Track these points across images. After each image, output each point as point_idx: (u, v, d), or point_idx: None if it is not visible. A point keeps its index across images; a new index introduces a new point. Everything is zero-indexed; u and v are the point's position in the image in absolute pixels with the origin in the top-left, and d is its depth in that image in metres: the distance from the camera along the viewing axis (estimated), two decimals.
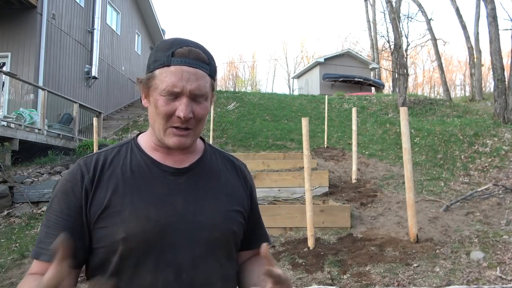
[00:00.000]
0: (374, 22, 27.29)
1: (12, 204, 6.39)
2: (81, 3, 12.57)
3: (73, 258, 0.85)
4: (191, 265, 0.89)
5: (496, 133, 9.02)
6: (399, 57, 14.14)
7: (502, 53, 11.04)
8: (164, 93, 0.89)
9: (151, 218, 0.87)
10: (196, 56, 0.91)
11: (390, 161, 8.35)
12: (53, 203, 0.91)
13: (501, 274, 3.47)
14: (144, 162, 0.95)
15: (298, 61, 49.45)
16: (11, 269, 4.36)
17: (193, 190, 0.95)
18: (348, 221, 5.00)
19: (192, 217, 0.91)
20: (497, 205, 5.60)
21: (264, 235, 1.12)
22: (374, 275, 3.60)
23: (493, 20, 10.86)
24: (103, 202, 0.88)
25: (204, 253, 0.91)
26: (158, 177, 0.93)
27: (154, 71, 0.91)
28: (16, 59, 9.86)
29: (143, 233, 0.86)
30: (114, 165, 0.94)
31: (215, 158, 1.05)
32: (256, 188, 1.15)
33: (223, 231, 0.94)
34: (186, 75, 0.88)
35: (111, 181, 0.91)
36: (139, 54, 18.61)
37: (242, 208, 1.01)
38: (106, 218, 0.87)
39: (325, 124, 10.48)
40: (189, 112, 0.89)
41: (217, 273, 0.93)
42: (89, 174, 0.91)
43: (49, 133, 8.78)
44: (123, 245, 0.85)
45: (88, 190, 0.89)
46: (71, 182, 0.91)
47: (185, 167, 0.97)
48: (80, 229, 0.88)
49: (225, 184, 1.01)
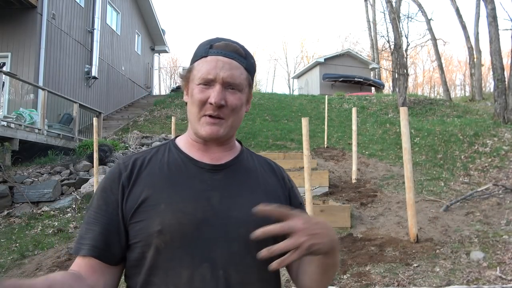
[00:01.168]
0: (374, 22, 27.28)
1: (12, 204, 6.39)
2: (81, 3, 12.57)
3: (110, 253, 0.88)
4: (228, 261, 0.87)
5: (496, 133, 9.02)
6: (399, 57, 14.14)
7: (502, 53, 11.05)
8: (199, 81, 0.91)
9: (187, 212, 0.87)
10: (233, 49, 0.94)
11: (390, 161, 8.35)
12: (93, 201, 0.93)
13: (501, 274, 3.47)
14: (181, 160, 0.96)
15: (298, 61, 49.47)
16: (11, 269, 4.36)
17: (230, 187, 0.94)
18: (348, 221, 5.01)
19: (228, 213, 0.90)
20: (497, 205, 5.60)
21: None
22: (374, 275, 3.60)
23: (493, 20, 10.86)
24: (140, 197, 0.89)
25: (241, 250, 0.89)
26: (195, 174, 0.94)
27: (193, 64, 0.95)
28: (16, 59, 9.86)
29: (179, 225, 0.86)
30: (152, 163, 0.96)
31: (251, 159, 1.05)
32: None
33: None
34: (221, 64, 0.91)
35: (148, 178, 0.92)
36: (139, 54, 18.61)
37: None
38: (142, 212, 0.88)
39: (325, 124, 10.49)
40: (221, 98, 0.90)
41: (256, 273, 0.90)
42: (127, 171, 0.93)
43: (49, 133, 8.78)
44: (158, 238, 0.85)
45: (125, 186, 0.91)
46: (110, 179, 0.93)
47: (222, 163, 0.97)
48: (117, 224, 0.89)
49: (262, 183, 1.00)
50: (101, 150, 7.17)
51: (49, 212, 6.10)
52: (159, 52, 22.25)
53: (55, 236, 5.27)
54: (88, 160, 7.58)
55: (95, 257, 0.87)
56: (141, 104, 16.84)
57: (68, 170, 7.46)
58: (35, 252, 4.80)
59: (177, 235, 0.86)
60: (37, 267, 4.35)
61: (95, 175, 6.14)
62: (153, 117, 14.11)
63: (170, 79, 45.53)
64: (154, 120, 13.68)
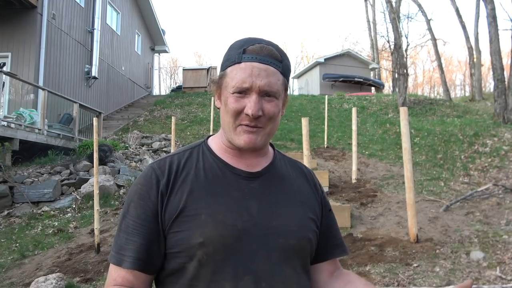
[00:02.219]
0: (374, 22, 27.29)
1: (12, 204, 6.39)
2: (81, 3, 12.57)
3: (152, 265, 0.87)
4: (269, 273, 0.85)
5: (496, 133, 9.02)
6: (399, 57, 14.14)
7: (502, 53, 11.06)
8: (234, 90, 0.87)
9: (228, 223, 0.85)
10: (268, 53, 0.89)
11: (390, 161, 8.35)
12: (130, 208, 0.89)
13: (501, 274, 3.48)
14: (217, 166, 0.93)
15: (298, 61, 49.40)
16: (11, 269, 4.36)
17: (267, 195, 0.92)
18: (348, 221, 5.01)
19: (267, 223, 0.88)
20: (497, 205, 5.60)
21: (340, 244, 1.06)
22: (374, 275, 3.61)
23: (493, 20, 10.86)
24: (179, 205, 0.87)
25: (281, 260, 0.87)
26: (231, 181, 0.91)
27: (225, 69, 0.91)
28: (16, 59, 9.86)
29: (220, 237, 0.84)
30: (187, 168, 0.92)
31: (284, 164, 1.02)
32: None
33: (299, 238, 0.90)
34: (256, 71, 0.86)
35: (185, 185, 0.89)
36: (139, 54, 18.61)
37: (315, 215, 0.97)
38: (181, 222, 0.86)
39: (325, 124, 10.49)
40: (258, 109, 0.86)
41: (296, 283, 0.89)
42: (164, 178, 0.89)
43: (49, 133, 8.78)
44: (200, 250, 0.83)
45: (164, 194, 0.88)
46: (147, 186, 0.89)
47: (258, 171, 0.94)
48: (157, 234, 0.87)
49: (297, 191, 0.98)
50: (101, 150, 7.17)
51: (49, 212, 6.10)
52: (159, 52, 22.25)
53: (55, 236, 5.27)
54: (88, 160, 7.58)
55: (139, 270, 0.86)
56: (141, 104, 16.84)
57: (68, 170, 7.46)
58: (35, 252, 4.80)
59: (219, 247, 0.84)
60: (37, 267, 4.35)
61: (95, 175, 6.12)
62: (153, 117, 14.11)
63: (170, 79, 45.50)
64: (154, 120, 13.68)
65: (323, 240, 1.01)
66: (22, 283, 3.98)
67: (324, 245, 1.01)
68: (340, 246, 1.05)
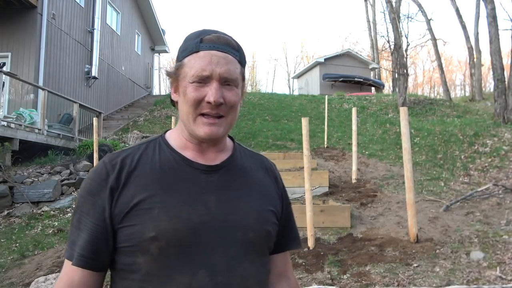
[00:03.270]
0: (374, 22, 27.28)
1: (12, 204, 6.39)
2: (81, 3, 12.57)
3: (98, 261, 0.85)
4: (226, 266, 0.85)
5: (496, 133, 9.02)
6: (399, 57, 14.14)
7: (502, 53, 11.05)
8: (193, 79, 0.86)
9: (183, 217, 0.84)
10: (225, 41, 0.88)
11: (390, 161, 8.35)
12: (80, 203, 0.88)
13: (501, 274, 3.48)
14: (174, 160, 0.91)
15: (298, 61, 49.48)
16: (11, 269, 4.36)
17: (226, 189, 0.91)
18: (348, 221, 5.00)
19: (225, 217, 0.87)
20: (497, 205, 5.60)
21: (295, 238, 1.07)
22: (374, 275, 3.61)
23: (493, 20, 10.86)
24: (132, 200, 0.84)
25: (239, 254, 0.87)
26: (189, 175, 0.90)
27: (182, 60, 0.89)
28: (16, 59, 9.86)
29: (174, 231, 0.82)
30: (142, 162, 0.90)
31: (245, 157, 1.01)
32: None
33: (257, 232, 0.90)
34: (216, 59, 0.86)
35: (139, 179, 0.87)
36: (139, 54, 18.60)
37: (275, 208, 0.97)
38: (134, 216, 0.84)
39: (325, 124, 10.48)
40: (220, 96, 0.85)
41: (254, 277, 0.89)
42: (114, 173, 0.87)
43: (49, 133, 8.78)
44: (153, 244, 0.82)
45: (114, 189, 0.86)
46: (96, 181, 0.87)
47: (217, 164, 0.93)
48: (105, 230, 0.85)
49: (258, 183, 0.97)
50: (101, 150, 7.17)
51: (49, 212, 6.10)
52: (159, 52, 22.24)
53: (55, 236, 5.27)
54: (88, 160, 7.58)
55: (83, 267, 0.85)
56: (141, 104, 16.84)
57: (68, 170, 7.46)
58: (35, 252, 4.80)
59: (173, 241, 0.82)
60: (37, 267, 4.35)
61: None
62: (153, 117, 14.11)
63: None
64: (154, 120, 13.68)
65: (280, 233, 1.01)
66: (22, 283, 3.98)
67: (280, 237, 1.01)
68: (295, 240, 1.07)
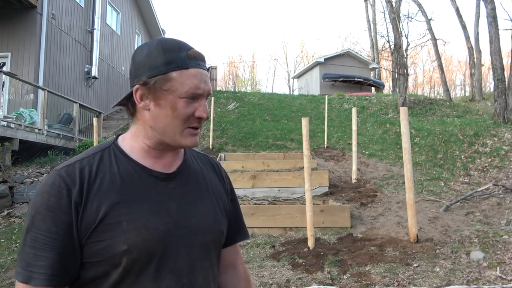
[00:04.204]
0: (374, 22, 27.28)
1: (12, 204, 6.39)
2: (81, 3, 12.57)
3: (67, 278, 0.83)
4: (189, 269, 0.91)
5: (496, 133, 9.02)
6: (399, 57, 14.14)
7: (502, 53, 11.05)
8: (186, 95, 0.89)
9: (150, 227, 0.87)
10: (203, 58, 0.94)
11: (390, 161, 8.35)
12: (36, 221, 0.82)
13: (501, 274, 3.47)
14: (133, 169, 0.92)
15: (298, 61, 49.46)
16: (11, 269, 4.36)
17: (184, 194, 0.96)
18: (348, 221, 5.00)
19: (186, 222, 0.92)
20: (497, 205, 5.60)
21: (241, 230, 1.13)
22: (374, 275, 3.60)
23: (493, 20, 10.86)
24: (97, 215, 0.83)
25: (199, 255, 0.93)
26: (150, 184, 0.92)
27: (169, 73, 0.88)
28: (16, 59, 9.86)
29: (144, 241, 0.85)
30: (101, 173, 0.88)
31: (194, 159, 1.06)
32: (256, 188, 1.18)
33: (214, 232, 0.97)
34: (204, 77, 0.92)
35: (101, 192, 0.86)
36: None
37: (224, 206, 1.05)
38: (102, 231, 0.83)
39: (325, 124, 10.48)
40: (207, 112, 0.94)
41: (211, 273, 0.96)
42: (76, 186, 0.84)
43: (49, 133, 8.78)
44: (125, 257, 0.83)
45: (78, 204, 0.83)
46: (56, 196, 0.83)
47: (174, 171, 0.97)
48: (72, 246, 0.82)
49: (209, 184, 1.03)
50: None
51: None
52: None
53: None
54: None
55: (53, 286, 0.81)
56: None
57: None
58: None
59: (144, 251, 0.85)
60: None
61: None
62: None
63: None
64: None
65: (229, 226, 1.07)
66: None
67: (230, 231, 1.07)
68: (241, 231, 1.13)
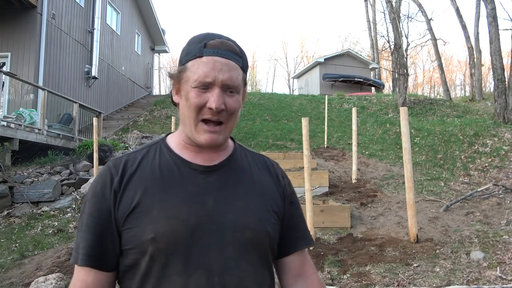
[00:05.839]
0: (374, 22, 27.27)
1: (12, 204, 6.39)
2: (81, 3, 12.57)
3: (104, 261, 0.87)
4: (223, 267, 0.85)
5: (496, 133, 9.02)
6: (399, 57, 14.14)
7: (502, 53, 11.04)
8: (196, 84, 0.87)
9: (181, 218, 0.85)
10: (228, 48, 0.89)
11: (390, 161, 8.35)
12: (85, 207, 0.90)
13: (501, 274, 3.47)
14: (173, 161, 0.93)
15: (298, 61, 49.41)
16: (11, 269, 4.36)
17: (224, 189, 0.91)
18: (348, 221, 5.00)
19: (222, 217, 0.88)
20: (497, 205, 5.60)
21: (304, 236, 1.03)
22: (374, 275, 3.60)
23: (493, 20, 10.85)
24: (132, 202, 0.86)
25: (236, 255, 0.87)
26: (187, 176, 0.91)
27: (186, 63, 0.90)
28: (16, 59, 9.86)
29: (172, 232, 0.84)
30: (143, 165, 0.92)
31: (245, 157, 1.01)
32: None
33: (256, 232, 0.90)
34: (219, 65, 0.87)
35: (139, 182, 0.89)
36: (139, 54, 18.60)
37: (276, 208, 0.96)
38: (134, 218, 0.86)
39: (325, 124, 10.48)
40: (221, 103, 0.86)
41: (251, 277, 0.88)
42: (118, 176, 0.89)
43: (49, 133, 8.77)
44: (152, 245, 0.83)
45: (117, 192, 0.88)
46: (101, 184, 0.90)
47: (215, 164, 0.94)
48: (110, 231, 0.87)
49: (257, 183, 0.96)
50: (101, 150, 7.17)
51: (49, 212, 6.10)
52: (159, 52, 22.25)
53: (55, 236, 5.27)
54: (88, 160, 7.58)
55: (91, 266, 0.86)
56: (141, 104, 16.84)
57: (68, 170, 7.46)
58: (35, 252, 4.80)
59: (171, 242, 0.84)
60: (37, 267, 4.34)
61: (95, 175, 6.14)
62: (153, 117, 14.11)
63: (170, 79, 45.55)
64: (154, 120, 13.68)
65: (286, 233, 0.99)
66: (22, 283, 3.97)
67: (287, 238, 0.99)
68: (303, 238, 1.02)
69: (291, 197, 1.03)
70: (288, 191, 1.02)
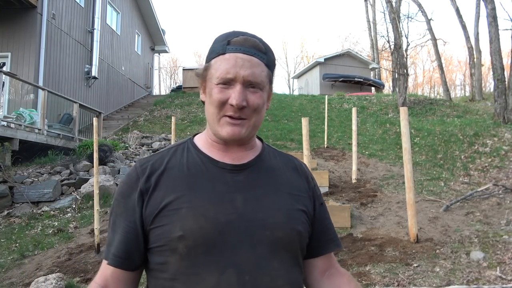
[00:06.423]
0: (374, 22, 27.27)
1: (12, 204, 6.39)
2: (81, 3, 12.57)
3: (130, 261, 0.89)
4: (254, 266, 0.84)
5: (496, 133, 9.02)
6: (399, 57, 14.13)
7: (502, 53, 11.04)
8: (218, 81, 0.87)
9: (209, 216, 0.85)
10: (252, 44, 0.89)
11: (390, 161, 8.35)
12: (114, 206, 0.93)
13: (501, 274, 3.47)
14: (201, 160, 0.93)
15: (298, 61, 49.47)
16: (11, 269, 4.36)
17: (253, 188, 0.91)
18: (348, 221, 5.00)
19: (253, 215, 0.87)
20: (497, 205, 5.60)
21: (332, 238, 1.03)
22: (374, 275, 3.61)
23: (493, 20, 10.85)
24: (161, 202, 0.87)
25: (267, 254, 0.86)
26: (216, 175, 0.91)
27: (210, 61, 0.91)
28: (16, 59, 9.86)
29: (199, 229, 0.83)
30: (171, 165, 0.92)
31: (273, 157, 1.01)
32: None
33: (287, 230, 0.89)
34: (240, 62, 0.87)
35: (168, 181, 0.90)
36: (139, 54, 18.60)
37: (305, 208, 0.95)
38: (163, 217, 0.86)
39: (325, 124, 10.48)
40: (242, 100, 0.86)
41: (283, 277, 0.87)
42: (144, 176, 0.90)
43: (49, 133, 8.77)
44: (181, 243, 0.83)
45: (144, 192, 0.89)
46: (128, 184, 0.92)
47: (243, 163, 0.93)
48: (136, 231, 0.89)
49: (286, 183, 0.96)
50: (101, 150, 7.16)
51: (49, 212, 6.10)
52: (159, 52, 22.26)
53: (55, 236, 5.27)
54: (88, 160, 7.58)
55: (116, 266, 0.89)
56: (141, 104, 16.84)
57: (68, 170, 7.45)
58: (35, 252, 4.80)
59: (200, 240, 0.83)
60: (37, 267, 4.35)
61: (95, 175, 6.13)
62: (153, 117, 14.11)
63: (170, 79, 45.53)
64: (154, 120, 13.68)
65: (316, 235, 0.99)
66: (22, 283, 3.98)
67: (317, 239, 0.99)
68: (333, 240, 1.03)
69: (320, 198, 1.03)
70: (317, 193, 1.03)
